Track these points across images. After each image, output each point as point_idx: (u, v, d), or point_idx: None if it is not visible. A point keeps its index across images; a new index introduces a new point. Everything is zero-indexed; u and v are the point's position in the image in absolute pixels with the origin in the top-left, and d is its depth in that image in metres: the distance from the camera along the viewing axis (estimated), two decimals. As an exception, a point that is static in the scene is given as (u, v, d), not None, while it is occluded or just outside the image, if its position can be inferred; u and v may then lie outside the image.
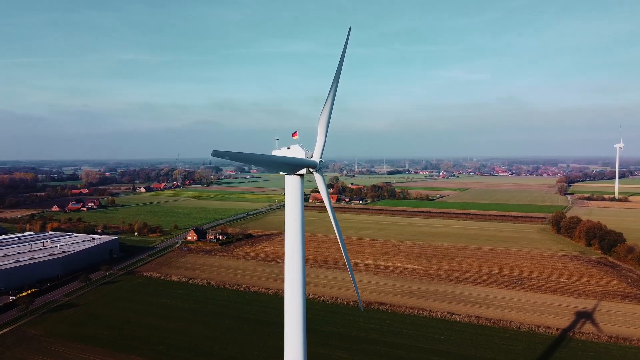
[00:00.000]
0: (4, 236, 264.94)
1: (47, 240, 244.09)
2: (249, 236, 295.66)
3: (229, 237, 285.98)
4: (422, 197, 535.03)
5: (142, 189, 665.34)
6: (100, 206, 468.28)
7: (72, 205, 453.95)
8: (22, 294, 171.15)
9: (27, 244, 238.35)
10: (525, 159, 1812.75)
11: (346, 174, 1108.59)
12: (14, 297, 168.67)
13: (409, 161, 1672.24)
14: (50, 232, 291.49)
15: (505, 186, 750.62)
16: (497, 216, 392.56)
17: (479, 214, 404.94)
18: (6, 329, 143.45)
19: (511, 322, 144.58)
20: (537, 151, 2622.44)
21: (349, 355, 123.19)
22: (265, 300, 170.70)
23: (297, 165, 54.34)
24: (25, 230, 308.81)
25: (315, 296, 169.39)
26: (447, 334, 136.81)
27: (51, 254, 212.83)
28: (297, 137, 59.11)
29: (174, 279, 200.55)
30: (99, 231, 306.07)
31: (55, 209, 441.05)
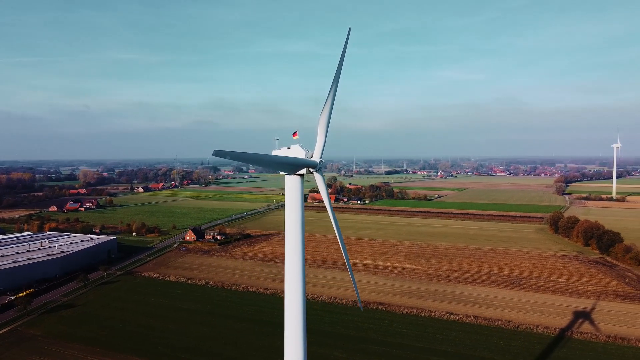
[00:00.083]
0: (1, 236, 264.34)
1: (45, 240, 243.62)
2: (248, 236, 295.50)
3: (228, 237, 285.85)
4: (420, 197, 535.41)
5: (140, 189, 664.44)
6: (98, 206, 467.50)
7: (69, 205, 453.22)
8: (20, 294, 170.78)
9: (25, 244, 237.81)
10: (522, 159, 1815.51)
11: (344, 174, 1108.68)
12: (12, 298, 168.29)
13: (407, 161, 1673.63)
14: (48, 232, 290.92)
15: (503, 186, 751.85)
16: (495, 216, 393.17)
17: (477, 214, 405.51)
18: (4, 330, 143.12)
19: (509, 321, 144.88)
20: (534, 151, 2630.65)
21: (347, 355, 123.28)
22: (263, 300, 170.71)
23: (298, 165, 54.38)
24: (23, 230, 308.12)
25: (313, 296, 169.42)
26: (446, 333, 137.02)
27: (49, 254, 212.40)
28: (297, 137, 59.18)
29: (172, 279, 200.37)
30: (97, 231, 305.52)
31: (53, 209, 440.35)
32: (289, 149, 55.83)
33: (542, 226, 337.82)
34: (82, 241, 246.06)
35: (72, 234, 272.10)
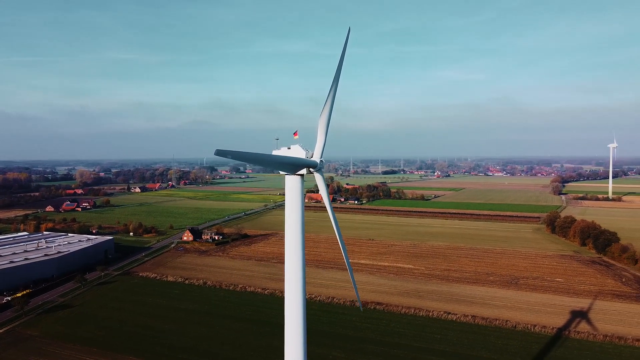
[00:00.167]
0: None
1: (42, 240, 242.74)
2: (245, 236, 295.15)
3: (225, 237, 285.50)
4: (417, 197, 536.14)
5: (137, 189, 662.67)
6: (94, 206, 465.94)
7: (66, 205, 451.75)
8: (17, 295, 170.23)
9: (22, 244, 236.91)
10: (519, 159, 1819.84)
11: (341, 174, 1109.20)
12: (9, 298, 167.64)
13: (404, 161, 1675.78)
14: (44, 232, 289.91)
15: (500, 186, 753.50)
16: (492, 216, 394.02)
17: (474, 214, 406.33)
18: (1, 330, 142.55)
19: (507, 321, 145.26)
20: (531, 151, 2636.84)
21: (346, 355, 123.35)
22: (261, 300, 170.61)
23: (298, 165, 54.39)
24: (19, 230, 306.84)
25: (311, 296, 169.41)
26: (444, 333, 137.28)
27: (46, 255, 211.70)
28: (297, 137, 59.21)
29: (169, 279, 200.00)
30: (94, 231, 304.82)
31: (49, 209, 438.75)
32: (289, 149, 55.82)
33: (539, 226, 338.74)
34: (79, 241, 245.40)
35: (69, 234, 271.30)
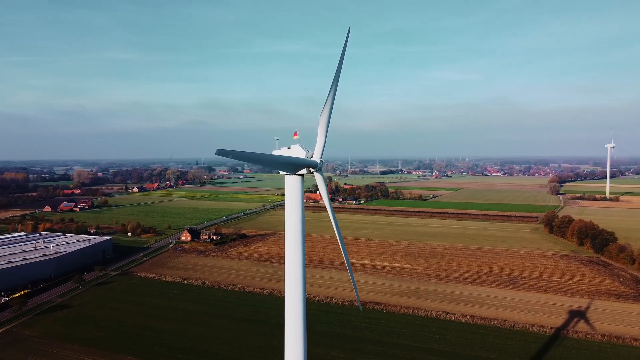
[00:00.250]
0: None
1: (40, 240, 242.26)
2: (243, 236, 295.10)
3: (223, 238, 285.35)
4: (415, 197, 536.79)
5: (135, 189, 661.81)
6: (92, 206, 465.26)
7: (64, 205, 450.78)
8: (15, 295, 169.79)
9: (20, 244, 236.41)
10: (517, 159, 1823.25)
11: (339, 174, 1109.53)
12: (7, 298, 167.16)
13: (402, 161, 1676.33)
14: (42, 232, 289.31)
15: (497, 186, 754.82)
16: (490, 216, 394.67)
17: (472, 214, 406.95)
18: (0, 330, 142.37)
19: (505, 321, 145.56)
20: (528, 151, 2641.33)
21: (344, 354, 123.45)
22: (260, 300, 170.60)
23: (299, 165, 54.44)
24: (17, 230, 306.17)
25: (310, 296, 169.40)
26: (442, 333, 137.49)
27: (44, 255, 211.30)
28: (297, 137, 59.26)
29: (168, 279, 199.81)
30: (92, 232, 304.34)
31: (47, 209, 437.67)
32: (289, 149, 55.86)
33: (536, 226, 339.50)
34: (77, 241, 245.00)
35: (67, 235, 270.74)
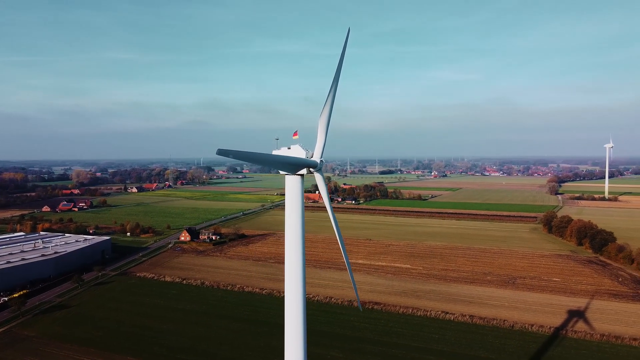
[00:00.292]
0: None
1: (39, 240, 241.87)
2: (243, 236, 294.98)
3: (222, 238, 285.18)
4: (414, 197, 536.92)
5: (134, 189, 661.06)
6: (91, 206, 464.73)
7: (63, 205, 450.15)
8: (14, 295, 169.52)
9: (19, 244, 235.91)
10: (516, 159, 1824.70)
11: (338, 174, 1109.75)
12: (6, 298, 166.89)
13: (401, 161, 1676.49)
14: (41, 232, 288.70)
15: (496, 186, 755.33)
16: (489, 216, 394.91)
17: (471, 214, 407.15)
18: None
19: (504, 321, 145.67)
20: (527, 151, 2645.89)
21: (344, 354, 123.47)
22: (259, 300, 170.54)
23: (299, 165, 54.41)
24: (15, 230, 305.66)
25: (309, 296, 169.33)
26: (442, 333, 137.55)
27: (43, 255, 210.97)
28: (297, 137, 59.23)
29: (167, 279, 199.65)
30: (91, 232, 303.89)
31: (46, 209, 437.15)
32: (289, 149, 55.82)
33: (535, 226, 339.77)
34: (76, 241, 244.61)
35: (66, 235, 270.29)
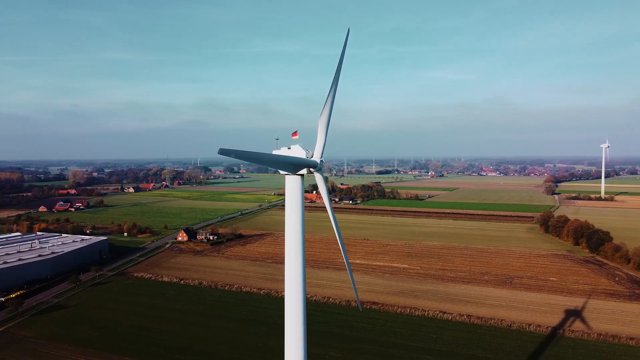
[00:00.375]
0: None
1: (36, 241, 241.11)
2: (240, 236, 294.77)
3: (220, 238, 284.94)
4: (411, 197, 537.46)
5: (131, 189, 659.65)
6: (88, 206, 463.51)
7: (59, 205, 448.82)
8: (11, 296, 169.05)
9: (15, 244, 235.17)
10: (512, 159, 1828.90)
11: (335, 174, 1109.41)
12: (3, 299, 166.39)
13: (398, 161, 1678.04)
14: (38, 232, 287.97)
15: (493, 186, 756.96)
16: (486, 216, 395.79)
17: (468, 214, 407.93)
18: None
19: (502, 320, 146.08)
20: (524, 151, 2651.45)
21: (342, 354, 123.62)
22: (257, 300, 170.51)
23: (299, 164, 54.47)
24: (12, 231, 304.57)
25: (308, 296, 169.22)
26: (439, 332, 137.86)
27: (40, 255, 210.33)
28: (297, 137, 59.29)
29: (164, 279, 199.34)
30: (88, 232, 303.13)
31: (42, 209, 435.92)
32: (289, 149, 55.87)
33: (532, 225, 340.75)
34: (73, 242, 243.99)
35: (63, 235, 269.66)
